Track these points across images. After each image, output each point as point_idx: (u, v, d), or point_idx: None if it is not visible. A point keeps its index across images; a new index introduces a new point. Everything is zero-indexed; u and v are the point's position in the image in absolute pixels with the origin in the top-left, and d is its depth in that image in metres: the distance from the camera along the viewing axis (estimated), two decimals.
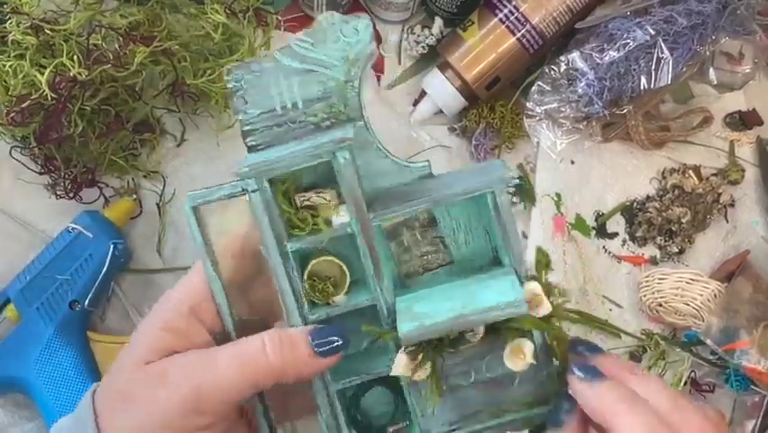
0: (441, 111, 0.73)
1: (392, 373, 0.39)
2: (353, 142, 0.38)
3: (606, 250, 0.74)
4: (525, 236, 0.71)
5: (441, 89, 0.71)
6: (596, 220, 0.74)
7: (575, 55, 0.69)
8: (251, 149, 0.41)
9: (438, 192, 0.40)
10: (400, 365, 0.39)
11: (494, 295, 0.38)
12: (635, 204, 0.75)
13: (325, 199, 0.40)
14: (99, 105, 0.60)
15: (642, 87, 0.69)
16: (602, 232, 0.74)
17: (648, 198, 0.74)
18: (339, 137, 0.38)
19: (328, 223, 0.40)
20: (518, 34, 0.69)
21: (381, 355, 0.42)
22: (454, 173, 0.43)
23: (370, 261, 0.40)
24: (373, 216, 0.40)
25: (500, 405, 0.42)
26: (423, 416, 0.42)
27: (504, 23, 0.69)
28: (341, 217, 0.40)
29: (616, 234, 0.74)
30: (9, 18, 0.56)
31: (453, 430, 0.42)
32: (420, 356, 0.39)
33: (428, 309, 0.38)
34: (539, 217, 0.72)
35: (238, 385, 0.38)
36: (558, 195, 0.73)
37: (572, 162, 0.74)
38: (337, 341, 0.39)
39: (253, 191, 0.39)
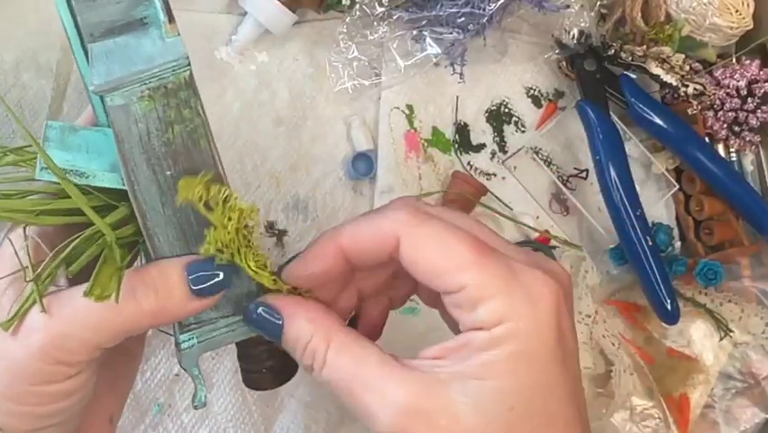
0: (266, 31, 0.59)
1: None
2: None
3: (472, 166, 0.62)
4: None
5: (262, 4, 0.57)
6: (457, 132, 0.62)
7: None
8: None
9: None
10: None
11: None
12: (502, 107, 0.64)
13: None
14: None
15: None
16: (466, 145, 0.63)
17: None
18: None
19: None
20: None
21: None
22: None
23: None
24: None
25: None
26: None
27: None
28: None
29: (483, 146, 0.63)
30: None
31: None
32: None
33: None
34: (389, 136, 0.60)
35: (104, 334, 0.34)
36: (409, 107, 0.61)
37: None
38: (217, 276, 0.34)
39: None
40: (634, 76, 0.62)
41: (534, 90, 0.64)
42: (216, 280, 0.35)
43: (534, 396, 0.32)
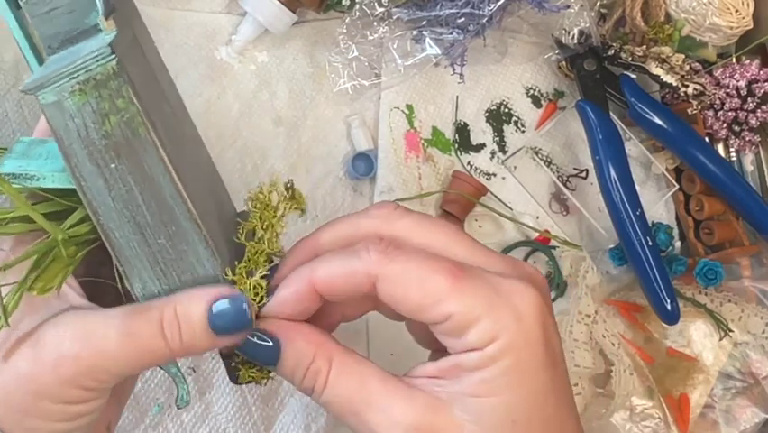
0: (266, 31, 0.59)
1: None
2: None
3: (472, 166, 0.62)
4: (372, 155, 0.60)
5: (262, 4, 0.57)
6: (456, 132, 0.62)
7: None
8: None
9: None
10: None
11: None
12: (502, 107, 0.64)
13: None
14: None
15: None
16: (466, 145, 0.63)
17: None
18: None
19: None
20: None
21: None
22: None
23: None
24: None
25: None
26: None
27: None
28: None
29: (483, 146, 0.63)
30: None
31: None
32: None
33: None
34: (389, 136, 0.60)
35: (130, 366, 0.35)
36: (409, 107, 0.61)
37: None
38: (241, 318, 0.34)
39: None
40: (634, 76, 0.62)
41: (534, 90, 0.64)
42: (238, 323, 0.34)
43: (531, 406, 0.32)
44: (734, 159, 0.66)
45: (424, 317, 0.33)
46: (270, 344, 0.34)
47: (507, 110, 0.64)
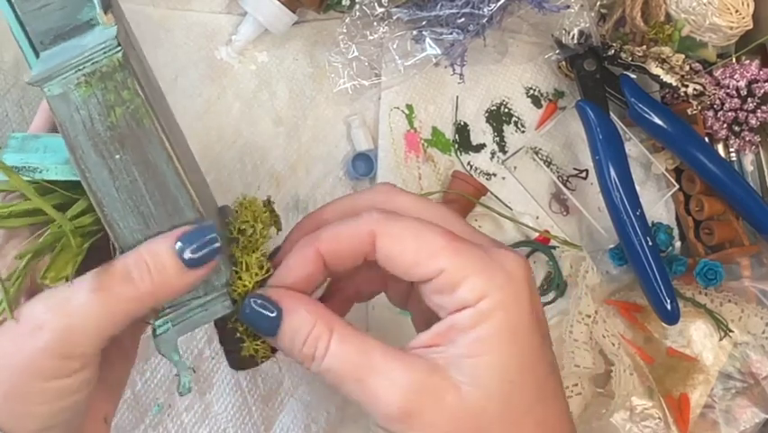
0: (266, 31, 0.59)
1: None
2: None
3: (472, 166, 0.62)
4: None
5: (262, 4, 0.57)
6: (456, 132, 0.62)
7: None
8: None
9: None
10: None
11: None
12: (502, 107, 0.64)
13: None
14: None
15: None
16: (466, 145, 0.63)
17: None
18: None
19: None
20: None
21: None
22: None
23: None
24: None
25: None
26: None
27: None
28: None
29: (483, 146, 0.63)
30: None
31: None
32: None
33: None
34: (389, 136, 0.60)
35: (106, 322, 0.34)
36: (409, 107, 0.61)
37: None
38: (210, 244, 0.34)
39: None
40: (634, 76, 0.62)
41: (534, 90, 0.64)
42: (207, 249, 0.34)
43: (525, 367, 0.34)
44: (734, 159, 0.66)
45: (418, 273, 0.34)
46: (273, 311, 0.35)
47: (507, 110, 0.64)
